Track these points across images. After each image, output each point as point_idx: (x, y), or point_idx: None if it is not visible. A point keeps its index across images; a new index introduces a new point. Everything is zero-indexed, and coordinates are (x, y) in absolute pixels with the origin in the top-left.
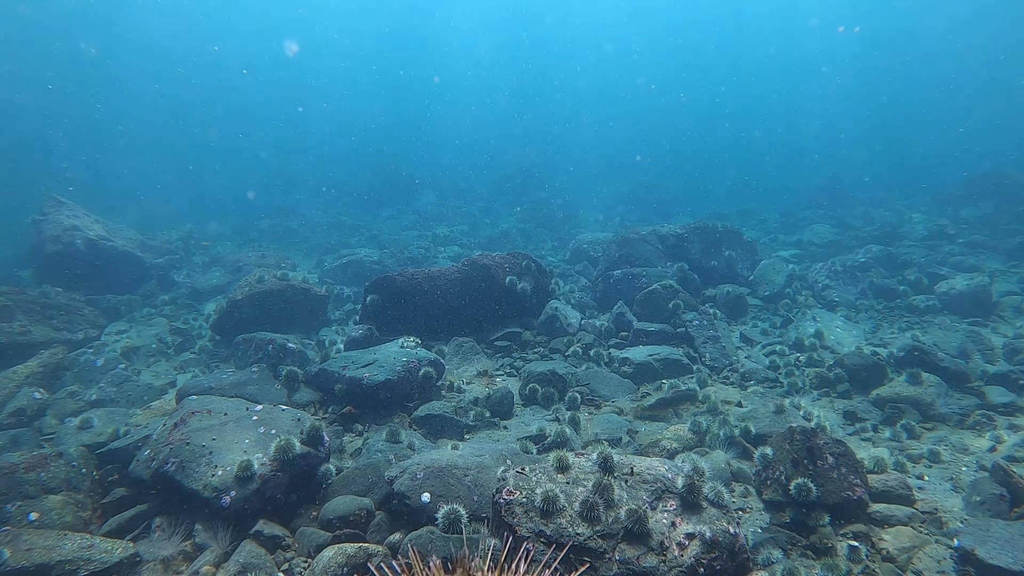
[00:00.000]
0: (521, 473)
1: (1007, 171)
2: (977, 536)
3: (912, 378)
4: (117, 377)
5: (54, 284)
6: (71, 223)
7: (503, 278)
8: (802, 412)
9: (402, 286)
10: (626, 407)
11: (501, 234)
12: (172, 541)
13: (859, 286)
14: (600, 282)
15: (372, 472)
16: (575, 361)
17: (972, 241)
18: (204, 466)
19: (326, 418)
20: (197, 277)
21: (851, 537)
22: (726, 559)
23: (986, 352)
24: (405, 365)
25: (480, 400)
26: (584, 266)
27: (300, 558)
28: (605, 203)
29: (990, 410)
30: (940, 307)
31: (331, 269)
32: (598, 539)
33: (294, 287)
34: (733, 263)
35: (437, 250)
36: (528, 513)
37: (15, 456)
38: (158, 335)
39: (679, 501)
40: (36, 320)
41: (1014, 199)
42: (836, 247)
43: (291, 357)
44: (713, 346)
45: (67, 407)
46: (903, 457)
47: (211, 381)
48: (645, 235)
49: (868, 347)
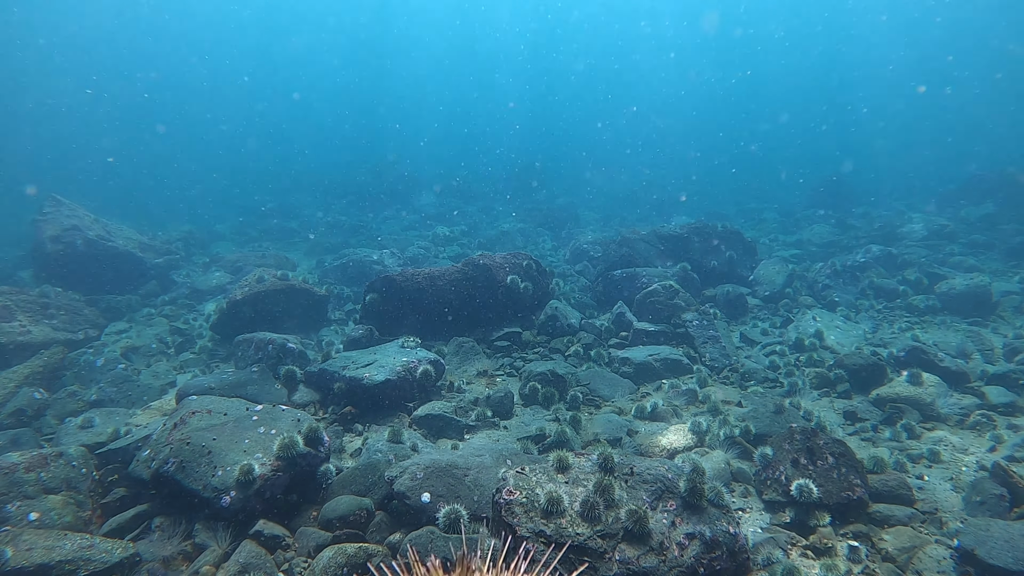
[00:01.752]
0: (521, 473)
1: (1007, 171)
2: (977, 536)
3: (912, 378)
4: (117, 377)
5: (54, 284)
6: (71, 223)
7: (503, 278)
8: (802, 412)
9: (402, 286)
10: (626, 407)
11: (501, 234)
12: (172, 541)
13: (859, 286)
14: (600, 282)
15: (372, 472)
16: (575, 361)
17: (972, 241)
18: (204, 466)
19: (326, 418)
20: (197, 277)
21: (851, 537)
22: (726, 559)
23: (986, 352)
24: (405, 365)
25: (480, 400)
26: (584, 266)
27: (300, 558)
28: (605, 203)
29: (990, 410)
30: (940, 307)
31: (331, 269)
32: (598, 539)
33: (294, 287)
34: (733, 263)
35: (437, 250)
36: (528, 513)
37: (15, 456)
38: (158, 335)
39: (679, 501)
40: (36, 320)
41: (1014, 199)
42: (836, 247)
43: (291, 357)
44: (713, 346)
45: (67, 407)
46: (903, 457)
47: (211, 381)
48: (645, 235)
49: (868, 347)
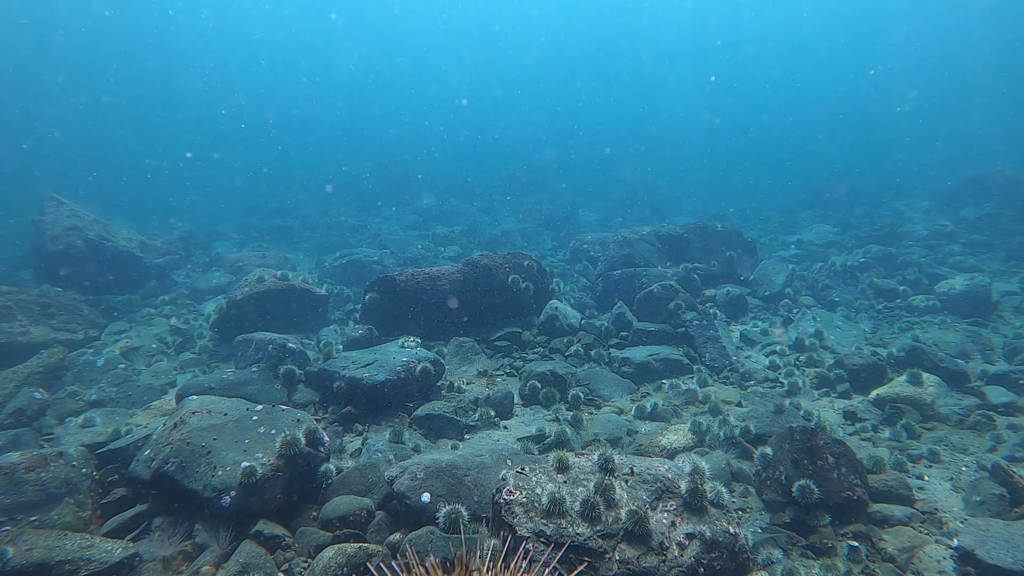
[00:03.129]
0: (521, 473)
1: (1007, 171)
2: (977, 536)
3: (912, 378)
4: (117, 377)
5: (54, 284)
6: (71, 223)
7: (504, 278)
8: (802, 412)
9: (402, 286)
10: (626, 407)
11: (501, 234)
12: (172, 541)
13: (859, 286)
14: (600, 282)
15: (372, 472)
16: (575, 361)
17: (972, 241)
18: (204, 466)
19: (326, 418)
20: (197, 277)
21: (851, 537)
22: (726, 559)
23: (986, 352)
24: (405, 365)
25: (480, 400)
26: (584, 266)
27: (300, 558)
28: (605, 203)
29: (990, 410)
30: (940, 307)
31: (331, 269)
32: (598, 539)
33: (294, 287)
34: (733, 263)
35: (437, 250)
36: (528, 513)
37: (15, 456)
38: (158, 335)
39: (679, 501)
40: (36, 320)
41: (1014, 199)
42: (836, 247)
43: (291, 357)
44: (713, 346)
45: (67, 407)
46: (903, 457)
47: (211, 381)
48: (645, 235)
49: (868, 347)
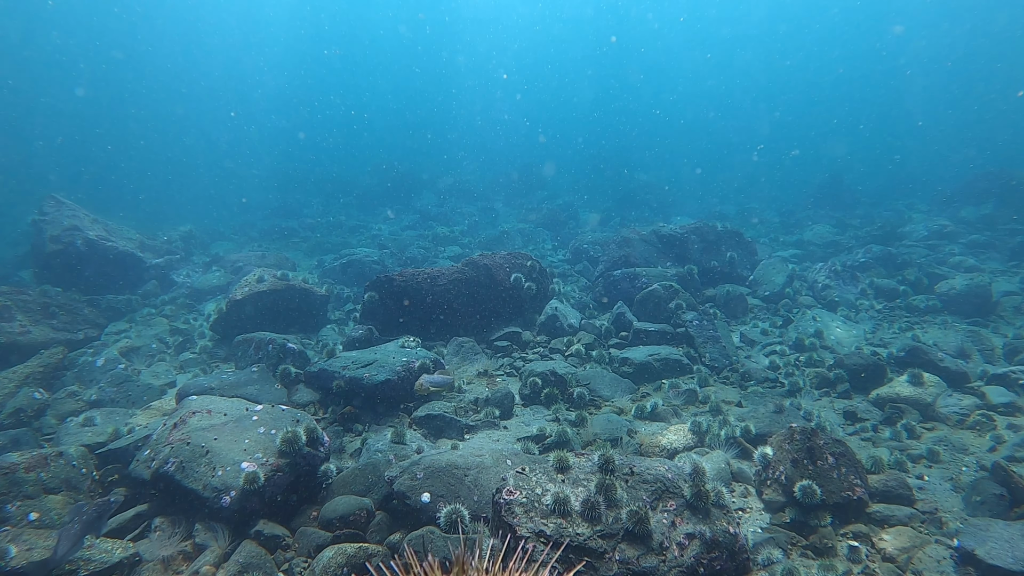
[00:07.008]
0: (521, 473)
1: (1007, 170)
2: (977, 536)
3: (912, 378)
4: (117, 377)
5: (54, 284)
6: (71, 223)
7: (504, 278)
8: (802, 412)
9: (402, 286)
10: (626, 407)
11: (501, 234)
12: (172, 541)
13: (859, 286)
14: (600, 282)
15: (372, 472)
16: (575, 361)
17: (972, 241)
18: (204, 466)
19: (326, 418)
20: (197, 277)
21: (851, 537)
22: (726, 559)
23: (986, 352)
24: (405, 365)
25: (480, 400)
26: (584, 266)
27: (300, 558)
28: (605, 203)
29: (990, 410)
30: (940, 307)
31: (331, 269)
32: (598, 539)
33: (294, 287)
34: (733, 263)
35: (437, 250)
36: (528, 513)
37: (15, 456)
38: (158, 335)
39: (679, 501)
40: (36, 320)
41: (1014, 199)
42: (836, 247)
43: (291, 357)
44: (713, 346)
45: (67, 407)
46: (903, 457)
47: (211, 381)
48: (645, 235)
49: (868, 347)
